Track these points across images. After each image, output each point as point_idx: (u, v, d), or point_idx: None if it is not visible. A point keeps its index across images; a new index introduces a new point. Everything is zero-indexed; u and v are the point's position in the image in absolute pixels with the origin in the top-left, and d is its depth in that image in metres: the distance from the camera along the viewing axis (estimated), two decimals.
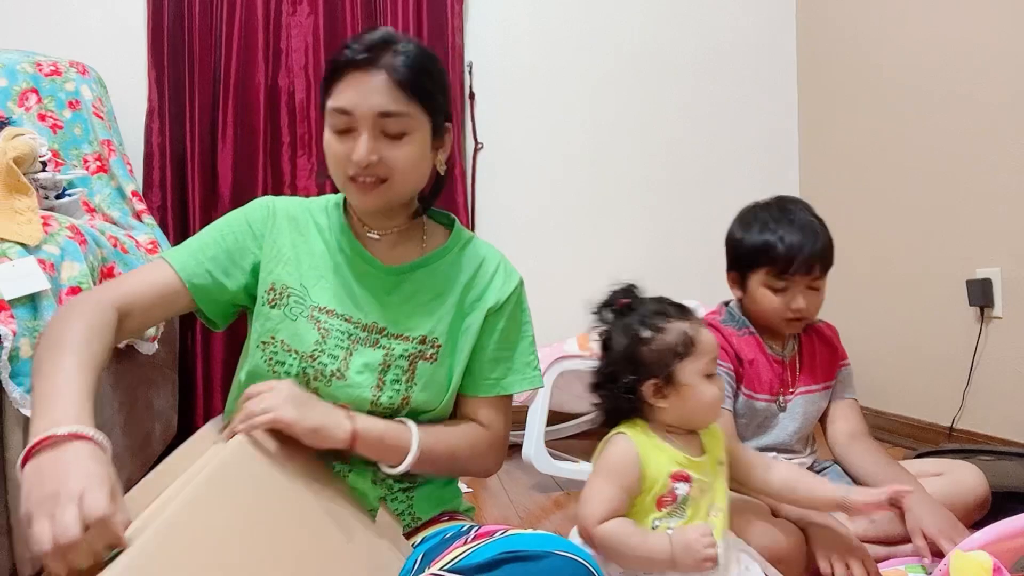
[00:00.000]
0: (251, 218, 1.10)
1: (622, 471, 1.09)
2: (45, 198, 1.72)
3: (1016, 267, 2.05)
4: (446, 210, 1.23)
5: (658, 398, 1.11)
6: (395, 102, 0.99)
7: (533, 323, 1.21)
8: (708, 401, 1.12)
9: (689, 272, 2.84)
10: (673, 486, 1.09)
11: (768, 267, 1.43)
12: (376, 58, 0.99)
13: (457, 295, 1.11)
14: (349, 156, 1.00)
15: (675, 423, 1.13)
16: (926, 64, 2.34)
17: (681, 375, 1.10)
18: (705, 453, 1.14)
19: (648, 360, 1.11)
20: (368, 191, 1.02)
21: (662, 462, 1.09)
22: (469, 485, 2.07)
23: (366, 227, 1.11)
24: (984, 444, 2.01)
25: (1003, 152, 2.08)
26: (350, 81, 0.99)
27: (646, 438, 1.11)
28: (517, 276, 1.17)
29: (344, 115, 1.00)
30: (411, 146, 1.02)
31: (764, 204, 1.51)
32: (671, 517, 1.09)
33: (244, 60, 2.56)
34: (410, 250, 1.12)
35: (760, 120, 2.97)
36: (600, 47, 2.88)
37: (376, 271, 1.09)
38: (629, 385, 1.12)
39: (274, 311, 1.05)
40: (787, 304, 1.43)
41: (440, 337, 1.08)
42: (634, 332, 1.13)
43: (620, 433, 1.13)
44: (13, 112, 2.10)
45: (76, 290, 1.45)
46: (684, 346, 1.11)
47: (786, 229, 1.42)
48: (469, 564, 0.85)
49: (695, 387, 1.10)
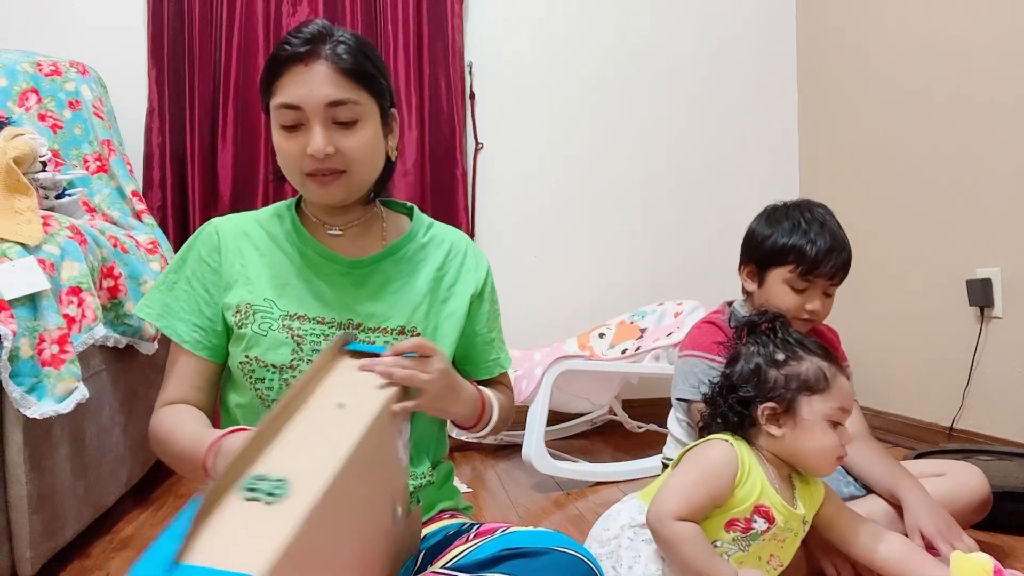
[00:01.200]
0: (203, 253, 1.09)
1: (717, 476, 1.06)
2: (45, 198, 1.72)
3: (1016, 267, 2.05)
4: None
5: (771, 424, 1.08)
6: (342, 89, 0.99)
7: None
8: (823, 448, 1.07)
9: (689, 272, 2.84)
10: (753, 518, 1.05)
11: (795, 265, 1.42)
12: (316, 50, 0.98)
13: (429, 282, 1.11)
14: (303, 152, 0.99)
15: (780, 455, 1.09)
16: (926, 64, 2.35)
17: (803, 410, 1.07)
18: (796, 506, 1.10)
19: (773, 382, 1.08)
20: (328, 184, 1.01)
21: (756, 486, 1.06)
22: (469, 485, 2.07)
23: (326, 225, 1.10)
24: (984, 444, 2.01)
25: (1003, 152, 2.08)
26: (293, 76, 0.99)
27: (748, 455, 1.08)
28: (485, 258, 1.20)
29: (292, 110, 0.98)
30: (364, 132, 1.02)
31: (794, 204, 1.50)
32: (733, 545, 1.06)
33: (244, 60, 2.56)
34: (372, 242, 1.12)
35: (760, 120, 2.97)
36: (600, 47, 2.88)
37: (341, 267, 1.08)
38: (745, 400, 1.09)
39: (244, 331, 1.04)
40: (803, 305, 1.43)
41: (419, 325, 1.08)
42: (769, 352, 1.11)
43: (723, 440, 1.09)
44: (13, 112, 2.10)
45: (76, 290, 1.45)
46: (816, 381, 1.07)
47: (818, 232, 1.43)
48: (470, 561, 0.85)
49: (814, 427, 1.06)
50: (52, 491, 1.40)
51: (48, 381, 1.31)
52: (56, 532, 1.41)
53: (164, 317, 1.07)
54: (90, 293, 1.47)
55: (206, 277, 1.07)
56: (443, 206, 2.62)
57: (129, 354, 1.74)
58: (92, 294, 1.48)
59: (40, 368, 1.31)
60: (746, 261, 1.52)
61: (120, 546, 1.61)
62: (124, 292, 1.67)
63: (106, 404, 1.65)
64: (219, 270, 1.07)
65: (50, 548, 1.40)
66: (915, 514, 1.29)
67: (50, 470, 1.39)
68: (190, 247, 1.10)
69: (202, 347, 1.06)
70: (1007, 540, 1.52)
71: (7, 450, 1.31)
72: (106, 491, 1.66)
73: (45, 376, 1.31)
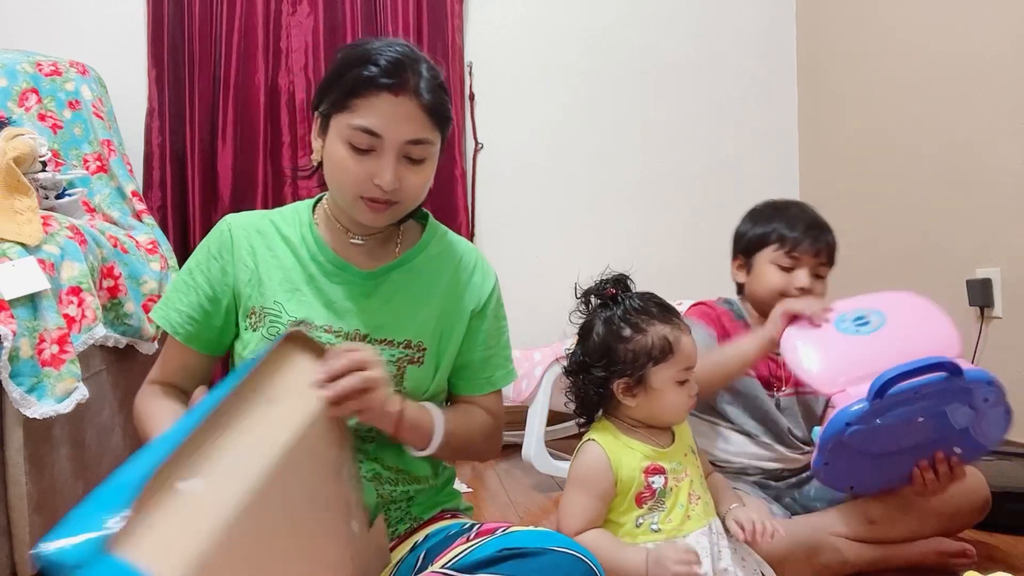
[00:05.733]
0: (213, 249, 1.09)
1: (594, 480, 1.09)
2: (45, 198, 1.72)
3: (1016, 267, 2.05)
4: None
5: (627, 396, 1.12)
6: (424, 129, 0.99)
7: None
8: (675, 407, 1.13)
9: (690, 272, 2.84)
10: (649, 481, 1.09)
11: (778, 244, 1.47)
12: (405, 80, 0.96)
13: (438, 297, 1.10)
14: (368, 178, 0.98)
15: (643, 420, 1.14)
16: (926, 64, 2.34)
17: (653, 379, 1.11)
18: (674, 442, 1.15)
19: (623, 359, 1.11)
20: (379, 212, 1.01)
21: (634, 460, 1.10)
22: (469, 485, 2.07)
23: (350, 233, 1.09)
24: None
25: (1003, 152, 2.08)
26: (378, 102, 0.96)
27: (614, 440, 1.12)
28: (493, 274, 1.17)
29: (370, 135, 0.97)
30: (428, 170, 1.02)
31: (773, 201, 1.57)
32: (652, 512, 1.09)
33: (244, 60, 2.56)
34: (387, 252, 1.11)
35: (760, 120, 2.98)
36: (600, 47, 2.88)
37: (353, 277, 1.07)
38: (600, 379, 1.13)
39: (255, 334, 1.04)
40: (792, 283, 1.46)
41: (425, 340, 1.07)
42: (614, 328, 1.13)
43: (590, 441, 1.14)
44: (13, 112, 2.10)
45: (76, 290, 1.45)
46: (661, 351, 1.11)
47: (796, 215, 1.50)
48: (470, 561, 0.85)
49: (664, 393, 1.11)
50: (52, 491, 1.40)
51: (48, 381, 1.31)
52: None
53: (161, 308, 1.09)
54: (90, 293, 1.47)
55: (212, 273, 1.08)
56: (443, 206, 2.62)
57: (129, 354, 1.74)
58: (92, 294, 1.48)
59: (40, 368, 1.31)
60: (734, 256, 1.58)
61: None
62: (124, 292, 1.67)
63: (106, 404, 1.65)
64: (226, 268, 1.07)
65: None
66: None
67: (50, 470, 1.39)
68: (204, 243, 1.11)
69: (195, 340, 1.08)
70: (1007, 540, 1.52)
71: (7, 450, 1.31)
72: None
73: (45, 376, 1.31)
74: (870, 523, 1.39)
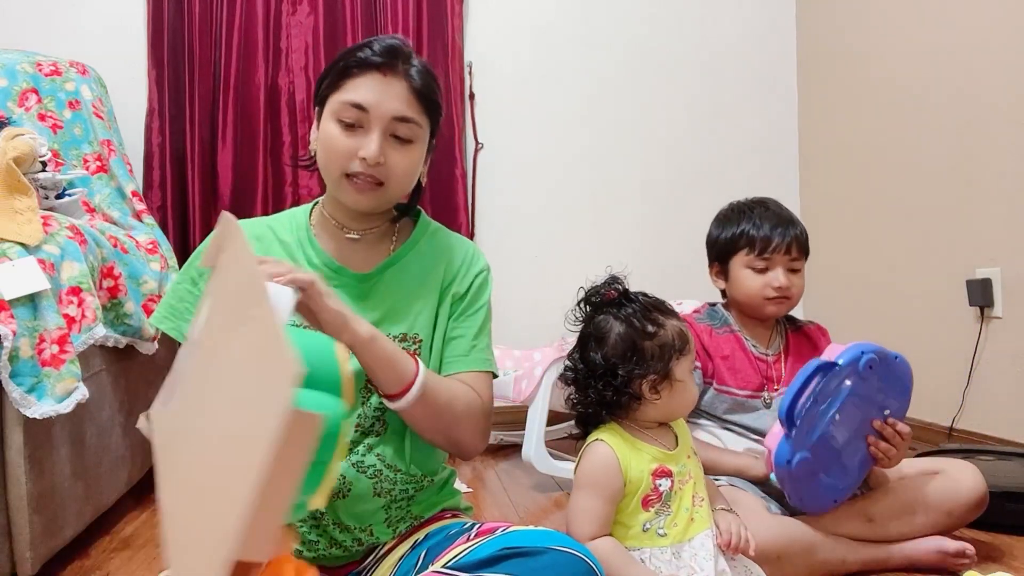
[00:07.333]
0: None
1: (604, 481, 1.09)
2: (45, 198, 1.72)
3: (1016, 267, 2.05)
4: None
5: (653, 393, 1.11)
6: (411, 108, 1.02)
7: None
8: (693, 397, 1.15)
9: (689, 272, 2.83)
10: (656, 483, 1.09)
11: (747, 247, 1.51)
12: (395, 64, 1.02)
13: (431, 289, 1.11)
14: (353, 152, 1.00)
15: (658, 418, 1.14)
16: (926, 64, 2.35)
17: (676, 372, 1.11)
18: (679, 445, 1.15)
19: (651, 355, 1.10)
20: (363, 191, 1.03)
21: (643, 462, 1.09)
22: (469, 485, 2.07)
23: (344, 228, 1.10)
24: (984, 444, 2.01)
25: (1003, 152, 2.08)
26: (368, 80, 1.01)
27: (622, 441, 1.11)
28: (485, 264, 1.16)
29: (358, 110, 1.00)
30: (414, 153, 1.05)
31: (737, 203, 1.60)
32: (659, 516, 1.09)
33: (244, 60, 2.56)
34: (381, 251, 1.12)
35: (760, 120, 2.97)
36: (600, 47, 2.88)
37: (349, 280, 1.08)
38: (624, 380, 1.10)
39: None
40: (768, 283, 1.49)
41: (421, 332, 1.08)
42: (638, 326, 1.12)
43: (597, 440, 1.12)
44: (13, 112, 2.10)
45: (76, 290, 1.45)
46: (682, 343, 1.11)
47: (761, 214, 1.52)
48: (470, 561, 0.86)
49: (686, 383, 1.12)
50: (52, 491, 1.40)
51: (48, 381, 1.31)
52: (56, 532, 1.42)
53: (170, 319, 1.08)
54: (90, 293, 1.47)
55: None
56: (443, 206, 2.62)
57: (129, 354, 1.74)
58: (92, 294, 1.48)
59: (40, 368, 1.31)
60: (711, 263, 1.61)
61: (120, 546, 1.61)
62: (124, 292, 1.67)
63: (106, 404, 1.65)
64: None
65: (50, 548, 1.40)
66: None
67: (50, 470, 1.39)
68: (199, 250, 1.10)
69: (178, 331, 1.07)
70: (1007, 540, 1.52)
71: (7, 450, 1.31)
72: (106, 491, 1.66)
73: (45, 376, 1.31)
74: (868, 522, 1.39)
